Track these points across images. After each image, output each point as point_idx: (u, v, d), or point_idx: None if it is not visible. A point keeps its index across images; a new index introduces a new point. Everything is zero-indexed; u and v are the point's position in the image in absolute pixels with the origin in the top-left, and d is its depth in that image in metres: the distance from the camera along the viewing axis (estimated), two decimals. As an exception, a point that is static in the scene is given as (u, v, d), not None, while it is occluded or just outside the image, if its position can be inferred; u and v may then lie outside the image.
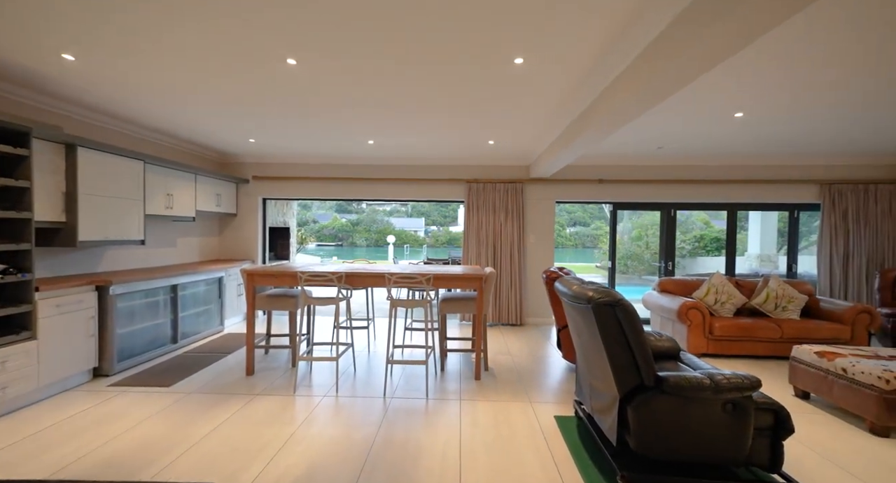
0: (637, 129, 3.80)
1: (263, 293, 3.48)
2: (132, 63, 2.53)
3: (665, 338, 2.50)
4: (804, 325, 3.81)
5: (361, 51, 2.32)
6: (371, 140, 4.39)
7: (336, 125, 3.83)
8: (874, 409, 2.40)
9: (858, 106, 3.08)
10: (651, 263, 11.94)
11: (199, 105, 3.32)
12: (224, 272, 4.73)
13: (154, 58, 2.46)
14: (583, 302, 1.95)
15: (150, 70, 2.64)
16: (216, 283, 4.60)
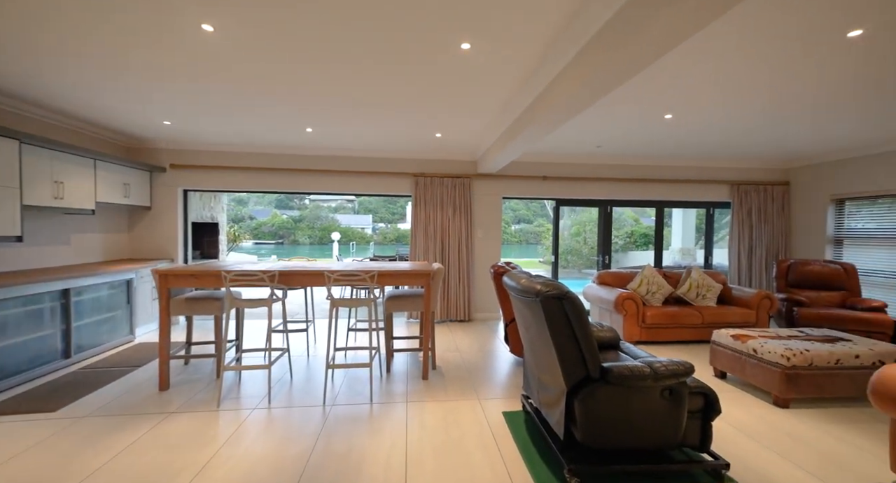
0: (578, 128, 3.92)
1: (182, 296, 3.04)
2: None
3: (606, 328, 2.58)
4: (720, 311, 4.22)
5: (287, 23, 2.07)
6: (309, 128, 4.06)
7: (266, 110, 3.47)
8: (778, 384, 2.69)
9: (765, 118, 3.43)
10: (589, 258, 12.71)
11: (84, 73, 2.79)
12: (134, 273, 4.11)
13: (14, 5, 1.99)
14: (531, 296, 1.92)
15: (9, 20, 2.15)
16: (124, 286, 3.98)
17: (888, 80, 2.70)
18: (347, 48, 2.35)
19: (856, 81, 2.72)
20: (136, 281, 4.15)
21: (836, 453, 2.14)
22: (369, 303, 2.81)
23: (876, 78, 2.66)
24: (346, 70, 2.65)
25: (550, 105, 2.65)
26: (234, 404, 2.65)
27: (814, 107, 3.25)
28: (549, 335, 1.86)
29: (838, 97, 3.02)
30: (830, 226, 5.11)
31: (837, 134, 4.08)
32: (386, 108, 3.40)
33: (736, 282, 5.56)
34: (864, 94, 2.96)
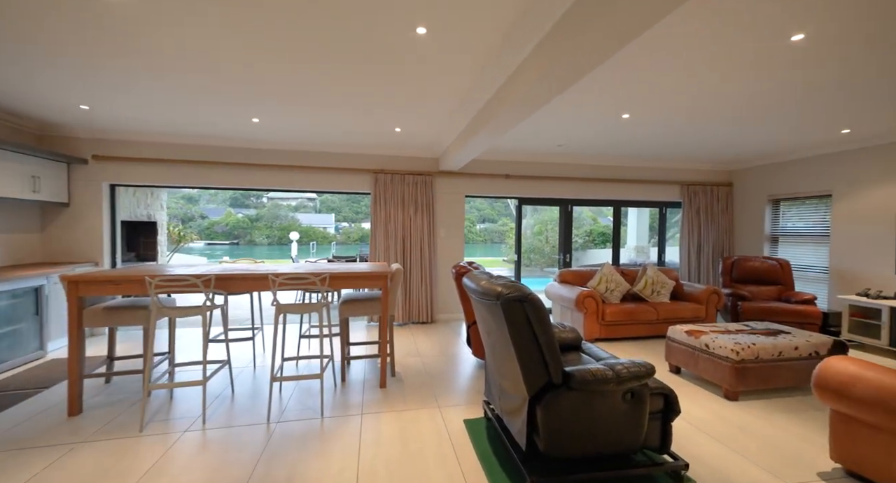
0: (540, 126, 3.89)
1: (99, 305, 2.64)
2: None
3: (568, 329, 2.53)
4: (673, 307, 4.37)
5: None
6: (255, 118, 3.72)
7: (202, 94, 3.12)
8: (728, 378, 2.77)
9: (715, 120, 3.57)
10: (551, 256, 13.01)
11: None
12: (46, 279, 3.58)
13: None
14: (491, 298, 1.80)
15: None
16: (31, 295, 3.45)
17: (827, 85, 2.86)
18: (289, 25, 2.12)
19: (797, 86, 2.86)
20: (49, 288, 3.61)
21: (783, 444, 2.21)
22: (320, 308, 2.58)
23: (816, 82, 2.80)
24: (289, 52, 2.41)
25: (509, 100, 2.56)
26: (161, 428, 2.32)
27: (759, 110, 3.41)
28: (509, 339, 1.75)
29: (781, 101, 3.18)
30: (768, 224, 5.48)
31: (775, 138, 4.34)
32: (338, 97, 3.16)
33: (686, 278, 5.83)
34: (804, 99, 3.13)
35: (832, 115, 3.49)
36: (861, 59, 2.41)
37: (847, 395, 1.81)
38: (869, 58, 2.40)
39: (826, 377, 1.90)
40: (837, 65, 2.50)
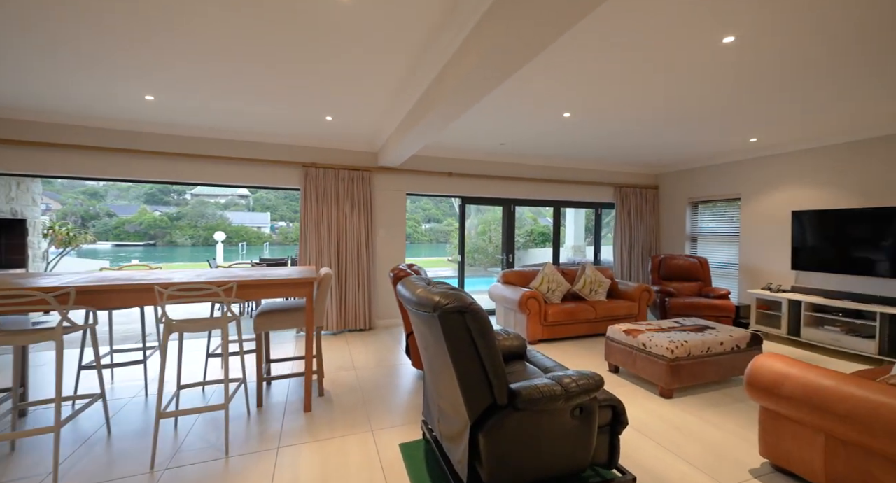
0: (483, 122, 3.73)
1: None
2: None
3: (512, 335, 2.36)
4: (610, 305, 4.48)
5: None
6: (150, 95, 3.09)
7: (80, 59, 2.47)
8: (664, 376, 2.81)
9: (648, 122, 3.68)
10: (494, 256, 13.17)
11: None
12: None
13: None
14: (427, 309, 1.54)
15: None
16: None
17: (739, 96, 3.03)
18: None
19: (715, 94, 3.00)
20: None
21: (716, 442, 2.24)
22: (224, 323, 2.13)
23: (731, 93, 2.95)
24: (186, 14, 1.94)
25: (447, 90, 2.33)
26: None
27: (681, 115, 3.56)
28: (448, 357, 1.51)
29: (701, 108, 3.34)
30: (688, 225, 5.92)
31: (694, 144, 4.65)
32: (251, 74, 2.70)
33: (619, 276, 6.10)
34: (721, 108, 3.31)
35: (743, 124, 3.77)
36: (770, 73, 2.56)
37: (777, 393, 1.84)
38: (776, 72, 2.55)
39: (758, 375, 1.92)
40: (749, 77, 2.63)
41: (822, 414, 1.68)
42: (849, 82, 2.76)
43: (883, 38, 2.16)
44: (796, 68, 2.55)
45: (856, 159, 4.05)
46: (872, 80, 2.72)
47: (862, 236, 3.96)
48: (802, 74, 2.64)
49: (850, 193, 4.09)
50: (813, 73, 2.62)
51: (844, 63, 2.47)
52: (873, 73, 2.60)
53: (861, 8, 1.90)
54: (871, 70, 2.56)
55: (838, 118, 3.57)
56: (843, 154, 4.14)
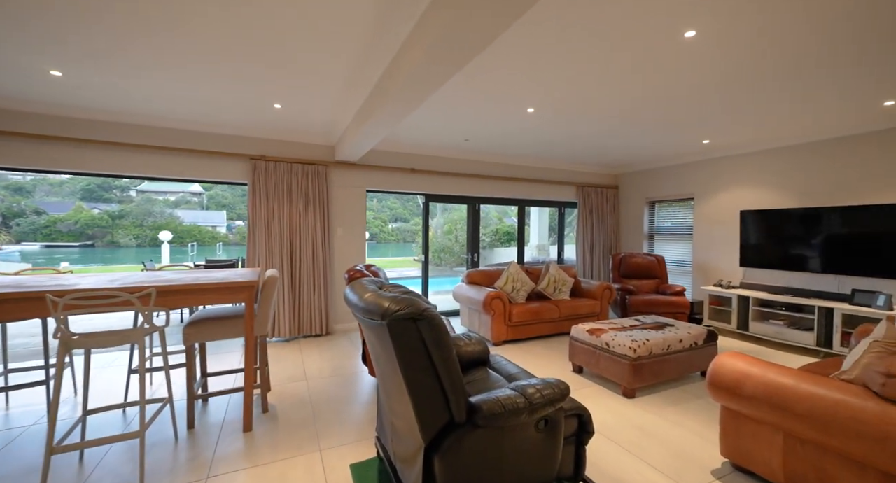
0: (445, 116, 3.57)
1: None
2: None
3: (474, 340, 2.22)
4: (573, 304, 4.48)
5: None
6: (55, 69, 2.65)
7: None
8: (626, 376, 2.79)
9: (610, 120, 3.68)
10: (460, 256, 13.11)
11: None
12: None
13: None
14: (375, 317, 1.35)
15: None
16: None
17: (716, 87, 3.07)
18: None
19: (671, 95, 3.02)
20: None
21: (678, 442, 2.22)
22: (138, 336, 1.82)
23: (705, 84, 2.98)
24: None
25: (397, 83, 2.16)
26: None
27: (639, 114, 3.59)
28: (399, 371, 1.33)
29: (659, 107, 3.37)
30: (646, 224, 6.10)
31: (654, 141, 4.76)
32: (185, 51, 2.37)
33: (582, 275, 6.18)
34: (676, 109, 3.36)
35: (698, 125, 3.87)
36: (727, 72, 2.59)
37: (738, 392, 1.82)
38: (733, 70, 2.59)
39: (720, 375, 1.90)
40: (708, 76, 2.66)
41: (782, 413, 1.66)
42: (798, 87, 2.86)
43: (835, 44, 2.23)
44: (750, 70, 2.59)
45: (798, 162, 4.30)
46: (821, 85, 2.84)
47: (797, 235, 4.21)
48: (755, 77, 2.69)
49: (792, 194, 4.34)
50: (763, 77, 2.68)
51: (795, 68, 2.54)
52: (824, 77, 2.70)
53: (817, 14, 1.93)
54: (822, 74, 2.65)
55: (785, 122, 3.75)
56: (787, 157, 4.38)
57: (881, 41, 2.21)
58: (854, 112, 3.42)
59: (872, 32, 2.12)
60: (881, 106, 3.25)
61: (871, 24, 2.04)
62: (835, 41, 2.21)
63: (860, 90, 2.92)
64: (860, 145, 3.83)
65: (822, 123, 3.77)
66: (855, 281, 3.84)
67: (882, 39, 2.19)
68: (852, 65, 2.50)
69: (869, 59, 2.42)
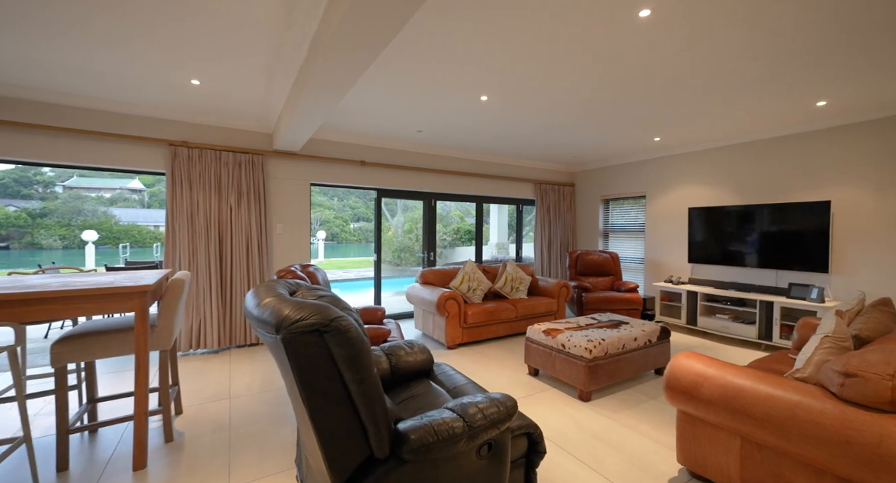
0: (394, 104, 3.28)
1: None
2: None
3: (416, 349, 1.96)
4: (530, 303, 4.35)
5: None
6: None
7: None
8: (582, 378, 2.65)
9: (563, 115, 3.57)
10: (420, 255, 12.84)
11: None
12: None
13: None
14: (269, 329, 1.05)
15: None
16: None
17: (668, 76, 3.01)
18: None
19: (638, 76, 2.94)
20: None
21: (634, 449, 2.09)
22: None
23: (664, 71, 2.91)
24: None
25: (325, 54, 1.85)
26: None
27: (602, 102, 3.51)
28: (301, 398, 1.04)
29: (613, 102, 3.30)
30: (601, 221, 6.15)
31: (608, 136, 4.75)
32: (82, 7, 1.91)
33: (540, 273, 6.12)
34: (628, 104, 3.30)
35: (650, 119, 3.87)
36: (680, 58, 2.53)
37: (695, 396, 1.69)
38: (686, 57, 2.53)
39: (677, 377, 1.77)
40: (661, 63, 2.58)
41: (740, 417, 1.55)
42: (741, 83, 2.87)
43: (776, 39, 2.20)
44: (701, 57, 2.54)
45: (741, 160, 4.44)
46: (765, 83, 2.86)
47: (736, 231, 4.37)
48: (704, 67, 2.65)
49: (735, 192, 4.48)
50: (711, 69, 2.65)
51: (740, 60, 2.51)
52: (764, 73, 2.71)
53: (756, 6, 1.86)
54: (762, 70, 2.66)
55: (729, 121, 3.83)
56: (731, 155, 4.53)
57: (816, 41, 2.21)
58: (790, 112, 3.55)
59: (811, 32, 2.10)
60: (814, 106, 3.37)
61: (808, 22, 2.02)
62: (775, 35, 2.19)
63: (796, 90, 2.99)
64: (795, 144, 4.01)
65: (762, 122, 3.90)
66: (792, 275, 4.01)
67: (819, 39, 2.19)
68: (789, 63, 2.52)
69: (802, 60, 2.45)
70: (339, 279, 11.58)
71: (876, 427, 1.24)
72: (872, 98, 3.16)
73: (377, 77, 2.81)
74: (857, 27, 2.12)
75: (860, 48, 2.35)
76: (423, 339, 4.22)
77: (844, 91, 3.02)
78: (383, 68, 2.66)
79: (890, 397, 1.24)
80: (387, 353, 1.86)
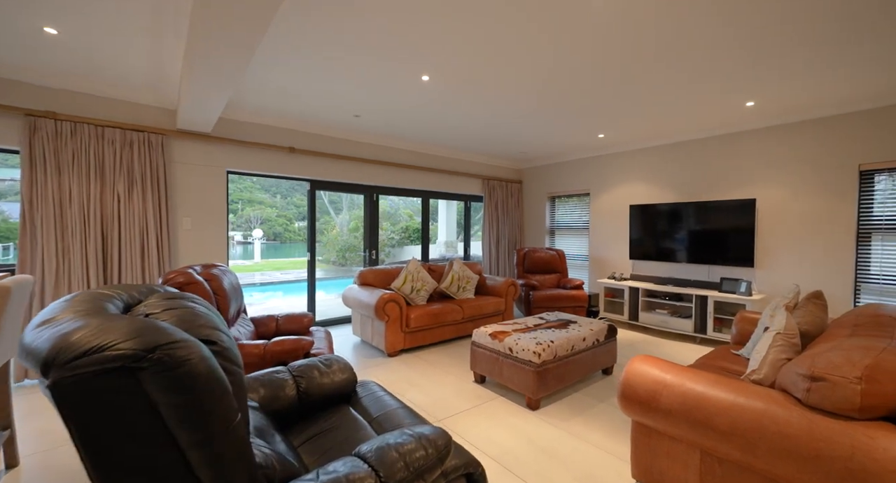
0: (326, 83, 2.85)
1: None
2: None
3: (335, 367, 1.58)
4: (478, 303, 4.12)
5: None
6: None
7: None
8: (531, 385, 2.44)
9: (508, 103, 3.38)
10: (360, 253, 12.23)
11: None
12: None
13: None
14: (36, 366, 0.63)
15: None
16: None
17: (617, 61, 2.89)
18: None
19: (587, 65, 2.80)
20: None
21: (586, 463, 1.90)
22: None
23: (610, 56, 2.78)
24: None
25: None
26: None
27: (550, 94, 3.36)
28: (90, 477, 0.63)
29: (559, 97, 3.16)
30: (548, 218, 6.14)
31: (554, 129, 4.68)
32: None
33: (488, 271, 5.96)
34: (573, 98, 3.18)
35: (593, 115, 3.81)
36: (630, 51, 2.42)
37: (654, 406, 1.51)
38: (630, 54, 2.42)
39: (633, 386, 1.58)
40: (615, 51, 2.45)
41: (702, 430, 1.39)
42: (679, 78, 2.84)
43: (708, 37, 2.13)
44: (647, 44, 2.44)
45: (676, 159, 4.58)
46: (700, 81, 2.86)
47: (669, 228, 4.52)
48: (647, 56, 2.57)
49: (672, 190, 4.61)
50: (655, 57, 2.57)
51: (676, 51, 2.45)
52: (706, 69, 2.69)
53: None
54: (703, 66, 2.63)
55: (666, 119, 3.88)
56: (668, 154, 4.65)
57: (749, 40, 2.18)
58: (723, 112, 3.66)
59: (743, 31, 2.06)
60: (744, 106, 3.50)
61: (739, 23, 1.96)
62: (710, 33, 2.12)
63: (729, 88, 3.05)
64: (728, 144, 4.19)
65: (698, 122, 4.01)
66: (723, 270, 4.19)
67: (752, 39, 2.16)
68: (722, 60, 2.51)
69: (733, 58, 2.44)
70: (276, 281, 10.66)
71: (846, 438, 1.11)
72: (796, 100, 3.33)
73: (303, 45, 2.37)
74: (782, 32, 2.12)
75: (787, 50, 2.38)
76: (362, 346, 3.81)
77: (771, 92, 3.14)
78: (308, 35, 2.24)
79: (859, 403, 1.12)
80: (295, 375, 1.47)
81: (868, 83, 2.94)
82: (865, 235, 3.43)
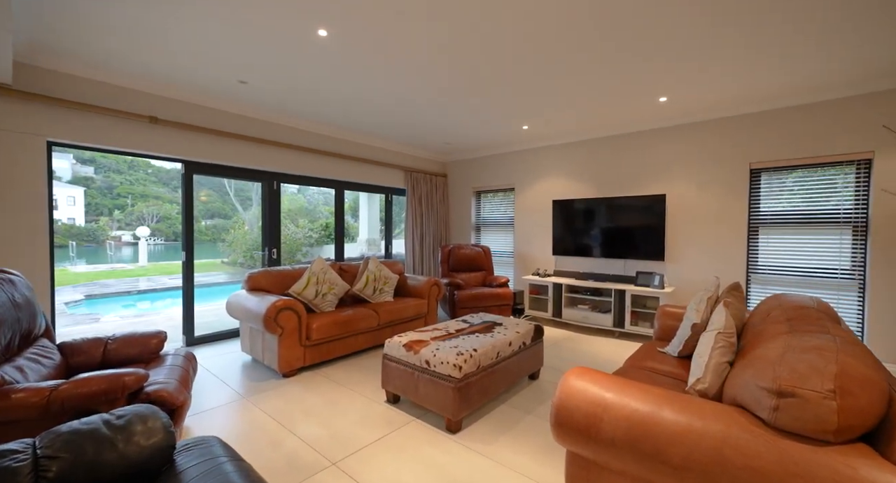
0: (196, 32, 2.13)
1: None
2: None
3: (140, 426, 0.99)
4: (396, 306, 3.66)
5: None
6: None
7: None
8: (451, 404, 2.05)
9: (421, 81, 2.98)
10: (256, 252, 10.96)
11: None
12: None
13: None
14: None
15: None
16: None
17: (505, 77, 2.62)
18: None
19: (510, 40, 2.49)
20: None
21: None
22: None
23: (510, 72, 2.49)
24: None
25: None
26: None
27: (473, 67, 3.01)
28: None
29: (485, 84, 2.84)
30: (473, 214, 5.90)
31: (476, 124, 4.40)
32: None
33: (412, 270, 5.52)
34: (494, 85, 2.90)
35: (515, 101, 3.59)
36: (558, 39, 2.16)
37: (594, 436, 1.20)
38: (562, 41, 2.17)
39: (570, 410, 1.26)
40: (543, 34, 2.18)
41: (652, 464, 1.10)
42: (598, 70, 2.70)
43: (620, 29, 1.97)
44: (571, 41, 2.20)
45: (600, 154, 4.61)
46: (615, 73, 2.75)
47: (585, 224, 4.57)
48: (570, 42, 2.35)
49: (591, 185, 4.64)
50: (579, 53, 2.37)
51: (588, 53, 2.27)
52: (625, 62, 2.56)
53: None
54: (624, 58, 2.50)
55: (589, 113, 3.82)
56: (588, 149, 4.67)
57: (658, 32, 2.07)
58: (639, 107, 3.69)
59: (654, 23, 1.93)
60: (657, 101, 3.55)
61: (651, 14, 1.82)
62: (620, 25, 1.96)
63: (642, 81, 3.02)
64: (643, 140, 4.29)
65: (616, 118, 4.03)
66: (637, 264, 4.29)
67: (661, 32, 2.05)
68: (633, 52, 2.41)
69: (644, 50, 2.35)
70: (162, 288, 8.96)
71: (825, 470, 0.88)
72: (702, 98, 3.45)
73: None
74: (692, 26, 2.03)
75: (693, 52, 2.34)
76: (252, 366, 3.09)
77: (681, 89, 3.19)
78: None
79: (836, 424, 0.90)
80: (43, 454, 0.85)
81: (758, 85, 3.11)
82: (754, 229, 3.71)
